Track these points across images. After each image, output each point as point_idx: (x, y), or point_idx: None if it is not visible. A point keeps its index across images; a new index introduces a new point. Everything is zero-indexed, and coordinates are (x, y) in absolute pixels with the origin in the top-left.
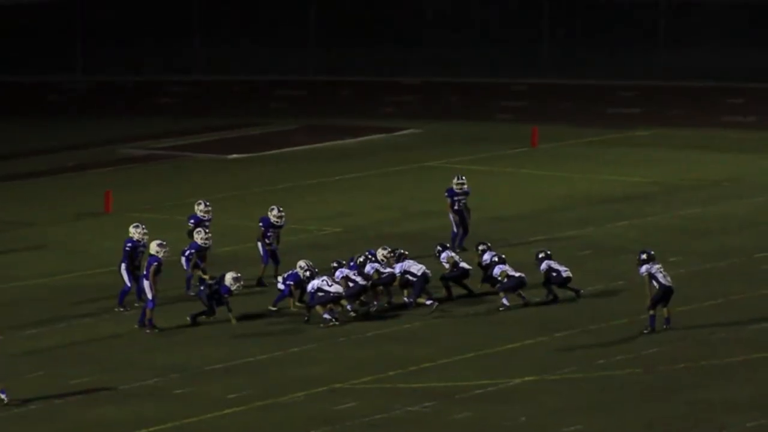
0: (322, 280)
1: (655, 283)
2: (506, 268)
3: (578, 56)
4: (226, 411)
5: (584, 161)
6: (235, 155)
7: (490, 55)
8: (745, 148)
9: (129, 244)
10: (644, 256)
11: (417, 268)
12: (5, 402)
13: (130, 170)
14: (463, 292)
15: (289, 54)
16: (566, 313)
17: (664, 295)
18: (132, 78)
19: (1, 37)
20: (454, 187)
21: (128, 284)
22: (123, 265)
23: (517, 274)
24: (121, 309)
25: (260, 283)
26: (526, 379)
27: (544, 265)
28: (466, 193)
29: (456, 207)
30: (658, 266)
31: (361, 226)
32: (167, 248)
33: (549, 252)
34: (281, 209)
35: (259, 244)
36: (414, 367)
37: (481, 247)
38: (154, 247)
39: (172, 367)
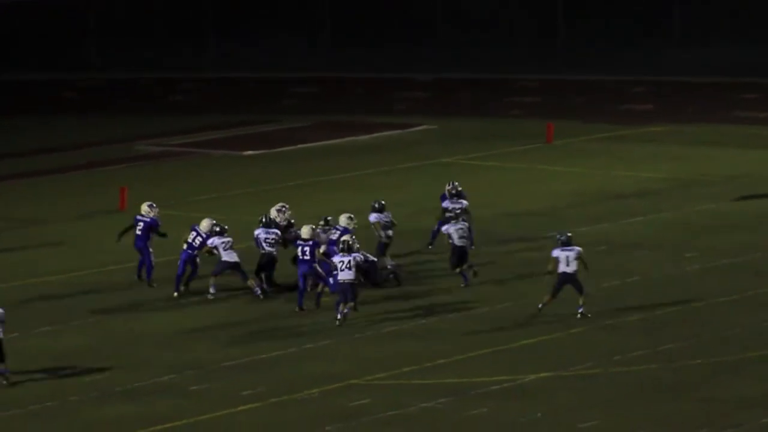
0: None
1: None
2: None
3: (591, 52)
4: (241, 408)
5: (598, 157)
6: (249, 152)
7: (503, 51)
8: (759, 144)
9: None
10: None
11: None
12: (5, 383)
13: (145, 167)
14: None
15: (303, 51)
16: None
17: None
18: (147, 75)
19: (16, 34)
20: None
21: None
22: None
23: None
24: (175, 294)
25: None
26: (542, 375)
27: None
28: (460, 202)
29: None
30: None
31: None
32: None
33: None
34: (284, 206)
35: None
36: (429, 364)
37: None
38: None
39: (187, 364)
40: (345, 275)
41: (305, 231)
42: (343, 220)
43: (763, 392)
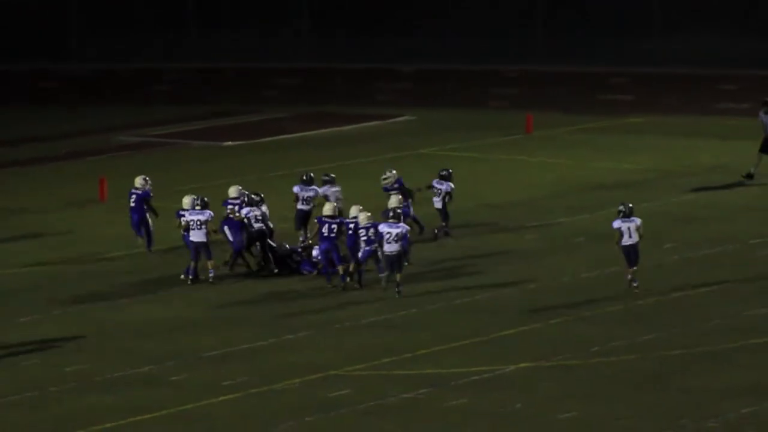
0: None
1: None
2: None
3: (571, 43)
4: (221, 398)
5: (578, 148)
6: (229, 142)
7: (483, 42)
8: (739, 135)
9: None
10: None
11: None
12: None
13: (124, 158)
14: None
15: (283, 41)
16: (561, 299)
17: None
18: (127, 65)
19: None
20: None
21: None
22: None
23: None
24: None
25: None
26: (522, 365)
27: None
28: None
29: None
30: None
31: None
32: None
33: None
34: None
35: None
36: (409, 354)
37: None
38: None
39: (167, 355)
40: (392, 247)
41: (329, 208)
42: (354, 211)
43: (744, 382)
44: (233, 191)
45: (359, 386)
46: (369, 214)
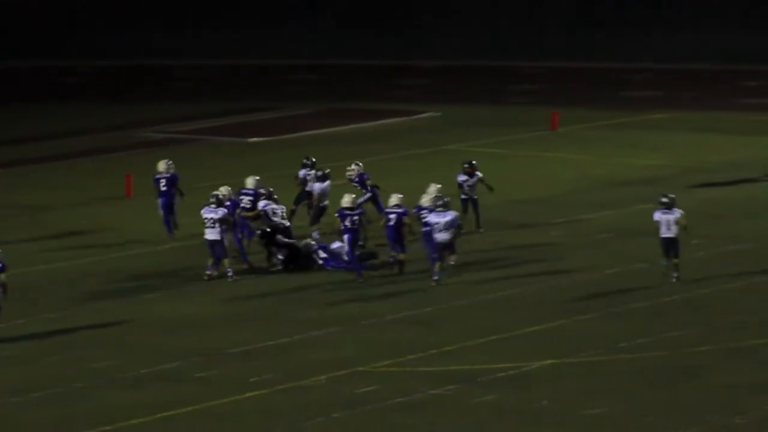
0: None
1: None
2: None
3: (596, 39)
4: (247, 394)
5: (602, 144)
6: (253, 139)
7: (508, 38)
8: (761, 131)
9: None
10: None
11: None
12: None
13: (149, 154)
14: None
15: (306, 38)
16: (587, 295)
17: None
18: (150, 61)
19: (17, 21)
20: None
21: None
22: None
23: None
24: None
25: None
26: (548, 362)
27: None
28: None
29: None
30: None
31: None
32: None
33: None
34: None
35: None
36: (435, 351)
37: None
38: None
39: (193, 351)
40: (442, 236)
41: (348, 200)
42: (394, 199)
43: None
44: (250, 182)
45: (386, 382)
46: (433, 196)
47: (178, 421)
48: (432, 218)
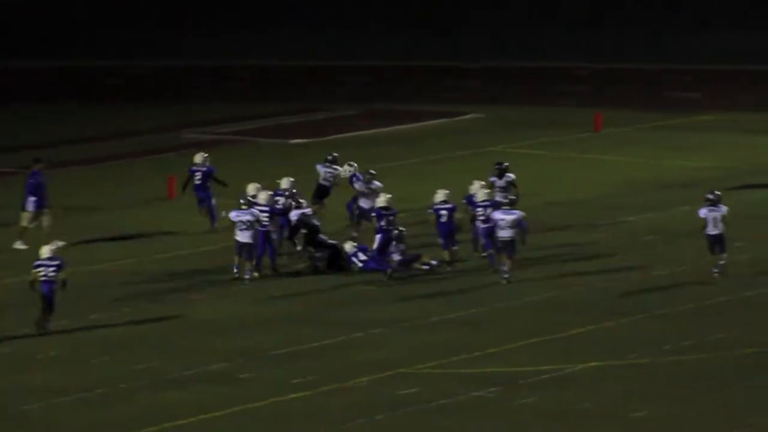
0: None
1: None
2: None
3: (640, 40)
4: (290, 395)
5: (647, 146)
6: (297, 140)
7: (552, 40)
8: None
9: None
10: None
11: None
12: None
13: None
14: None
15: (351, 39)
16: (631, 297)
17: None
18: (196, 62)
19: (62, 21)
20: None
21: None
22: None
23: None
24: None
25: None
26: (592, 364)
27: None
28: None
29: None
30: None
31: (422, 211)
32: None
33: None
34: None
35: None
36: (478, 353)
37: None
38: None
39: (237, 352)
40: (506, 233)
41: (383, 200)
42: (441, 195)
43: None
44: (285, 183)
45: (428, 384)
46: (488, 190)
47: (222, 422)
48: (497, 215)
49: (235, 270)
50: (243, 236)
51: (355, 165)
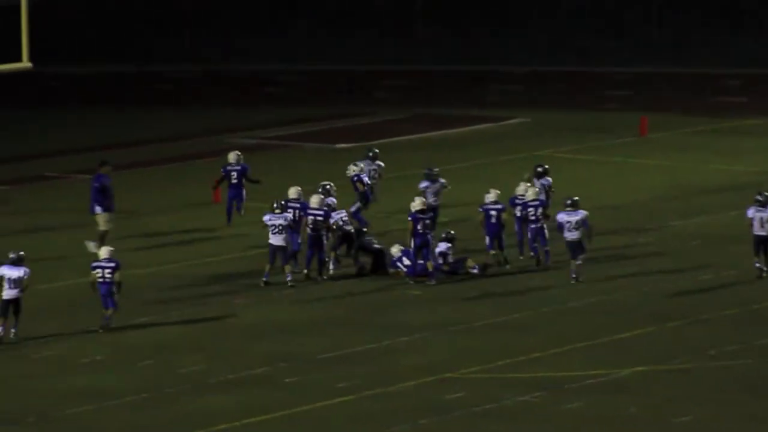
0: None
1: None
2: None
3: (686, 44)
4: (335, 400)
5: (693, 151)
6: (342, 144)
7: (597, 44)
8: None
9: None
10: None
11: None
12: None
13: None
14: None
15: (396, 43)
16: (677, 302)
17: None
18: (241, 66)
19: (107, 25)
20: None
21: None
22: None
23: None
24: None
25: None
26: (637, 369)
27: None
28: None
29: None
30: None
31: (468, 216)
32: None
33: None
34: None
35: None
36: (523, 357)
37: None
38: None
39: (282, 356)
40: (572, 234)
41: (418, 203)
42: (492, 195)
43: None
44: (293, 192)
45: (474, 389)
46: (537, 189)
47: (266, 426)
48: (562, 216)
49: (265, 278)
50: (276, 239)
51: (361, 165)
